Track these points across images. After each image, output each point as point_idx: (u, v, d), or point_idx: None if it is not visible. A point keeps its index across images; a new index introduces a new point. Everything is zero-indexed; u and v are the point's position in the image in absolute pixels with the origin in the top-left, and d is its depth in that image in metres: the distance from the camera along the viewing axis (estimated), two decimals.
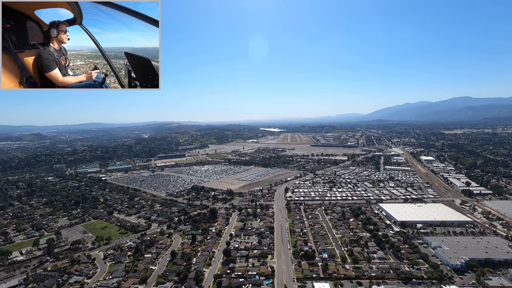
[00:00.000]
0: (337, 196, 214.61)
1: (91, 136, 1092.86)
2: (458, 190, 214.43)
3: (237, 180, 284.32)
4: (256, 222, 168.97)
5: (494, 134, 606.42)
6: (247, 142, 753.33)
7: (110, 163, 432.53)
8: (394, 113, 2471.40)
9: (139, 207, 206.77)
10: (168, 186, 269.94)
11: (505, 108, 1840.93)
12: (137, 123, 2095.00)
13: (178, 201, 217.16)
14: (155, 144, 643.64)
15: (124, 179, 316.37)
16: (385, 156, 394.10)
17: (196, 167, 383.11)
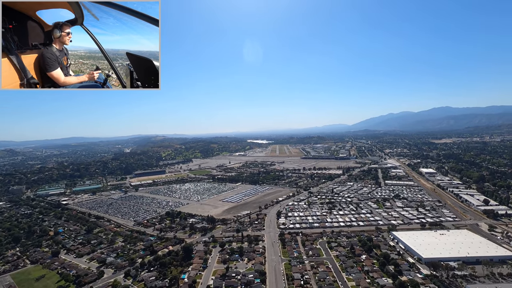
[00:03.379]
0: (339, 221, 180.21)
1: (68, 152, 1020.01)
2: (477, 210, 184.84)
3: (221, 202, 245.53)
4: (243, 263, 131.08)
5: (485, 143, 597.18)
6: (233, 155, 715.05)
7: (78, 183, 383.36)
8: (379, 123, 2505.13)
9: (96, 243, 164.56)
10: (139, 211, 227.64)
11: (484, 117, 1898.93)
12: (121, 137, 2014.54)
13: (147, 233, 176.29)
14: (134, 159, 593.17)
15: (90, 202, 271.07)
16: (382, 169, 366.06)
17: (176, 185, 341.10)
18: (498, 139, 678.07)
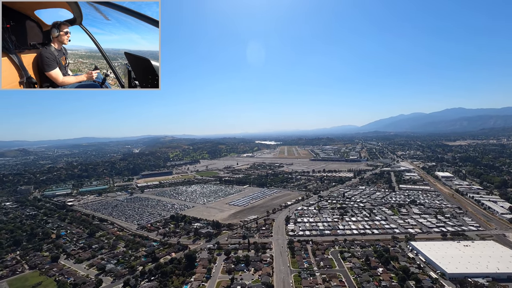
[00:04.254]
0: (352, 228, 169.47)
1: (79, 151, 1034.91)
2: (502, 219, 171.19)
3: (227, 205, 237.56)
4: (249, 273, 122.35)
5: (503, 146, 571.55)
6: (241, 156, 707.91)
7: (85, 183, 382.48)
8: (389, 125, 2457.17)
9: (98, 247, 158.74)
10: (143, 214, 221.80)
11: (499, 119, 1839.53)
12: (131, 137, 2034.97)
13: (150, 238, 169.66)
14: (142, 160, 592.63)
15: (95, 204, 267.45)
16: (395, 172, 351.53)
17: (182, 187, 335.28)
18: None
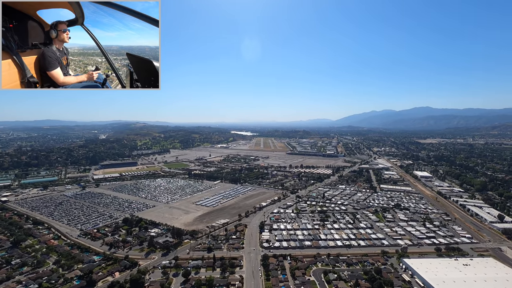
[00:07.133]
0: (335, 238, 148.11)
1: (38, 135, 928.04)
2: (493, 228, 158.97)
3: (194, 206, 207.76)
4: None
5: (470, 145, 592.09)
6: (215, 147, 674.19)
7: (31, 173, 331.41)
8: (362, 120, 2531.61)
9: (19, 264, 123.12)
10: (91, 215, 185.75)
11: (462, 119, 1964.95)
12: (99, 122, 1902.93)
13: (92, 249, 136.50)
14: (105, 148, 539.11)
15: (35, 200, 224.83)
16: (373, 170, 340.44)
17: (146, 181, 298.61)
18: (481, 141, 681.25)
